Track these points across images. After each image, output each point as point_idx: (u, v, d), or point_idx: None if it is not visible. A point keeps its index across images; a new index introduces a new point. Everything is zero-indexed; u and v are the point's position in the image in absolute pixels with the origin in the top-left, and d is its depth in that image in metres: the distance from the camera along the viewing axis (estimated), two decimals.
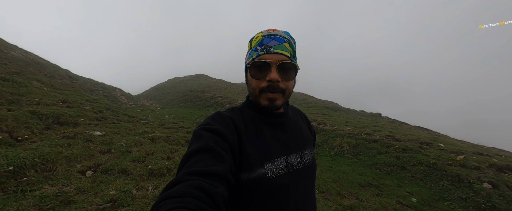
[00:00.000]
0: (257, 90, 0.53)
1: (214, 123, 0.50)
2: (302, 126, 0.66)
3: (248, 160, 0.49)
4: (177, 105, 12.01)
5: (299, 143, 0.60)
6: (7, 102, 3.23)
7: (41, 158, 2.16)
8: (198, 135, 0.46)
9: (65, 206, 1.69)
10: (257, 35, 0.55)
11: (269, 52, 0.51)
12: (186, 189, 0.33)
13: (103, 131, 3.57)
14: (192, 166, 0.39)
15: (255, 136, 0.53)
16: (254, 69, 0.52)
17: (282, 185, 0.51)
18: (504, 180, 3.22)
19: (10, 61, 5.86)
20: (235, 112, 0.58)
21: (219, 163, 0.41)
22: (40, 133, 2.85)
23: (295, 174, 0.54)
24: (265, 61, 0.50)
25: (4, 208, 1.52)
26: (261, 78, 0.52)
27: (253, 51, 0.54)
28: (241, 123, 0.54)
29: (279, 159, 0.53)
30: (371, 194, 3.34)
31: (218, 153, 0.42)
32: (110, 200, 1.90)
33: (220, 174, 0.38)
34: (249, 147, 0.51)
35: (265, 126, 0.56)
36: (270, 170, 0.51)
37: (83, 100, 5.59)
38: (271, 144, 0.54)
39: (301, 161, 0.57)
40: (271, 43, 0.52)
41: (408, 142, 4.81)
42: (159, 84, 20.14)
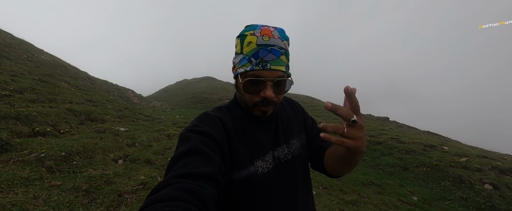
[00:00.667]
0: (251, 103, 0.53)
1: (202, 124, 0.49)
2: (289, 115, 0.65)
3: (239, 158, 0.49)
4: (186, 106, 12.55)
5: (287, 133, 0.60)
6: (47, 101, 3.73)
7: (83, 148, 2.57)
8: (185, 137, 0.46)
9: (108, 185, 2.06)
10: (251, 39, 0.49)
11: (265, 68, 0.48)
12: (173, 192, 0.32)
13: (126, 127, 4.00)
14: (179, 169, 0.38)
15: (244, 134, 0.54)
16: (248, 83, 0.49)
17: (271, 179, 0.52)
18: (505, 182, 3.33)
19: (41, 64, 6.53)
20: (222, 111, 0.57)
21: (208, 164, 0.40)
22: (76, 127, 3.30)
23: (283, 166, 0.55)
24: (260, 80, 0.49)
25: (64, 183, 1.91)
26: (255, 93, 0.50)
27: (245, 60, 0.50)
28: (230, 122, 0.53)
29: (267, 155, 0.54)
30: (373, 192, 3.54)
31: (207, 154, 0.42)
32: (141, 183, 2.25)
33: (208, 175, 0.38)
34: (239, 146, 0.51)
35: (252, 123, 0.56)
36: (260, 166, 0.52)
37: (104, 100, 6.13)
38: (260, 140, 0.55)
39: (288, 151, 0.58)
40: (268, 57, 0.48)
41: (412, 145, 4.94)
42: (168, 86, 20.94)
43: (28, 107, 3.14)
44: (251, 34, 0.50)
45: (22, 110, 2.89)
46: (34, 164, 2.01)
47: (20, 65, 5.14)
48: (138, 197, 2.02)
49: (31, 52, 7.51)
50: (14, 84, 3.76)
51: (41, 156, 2.10)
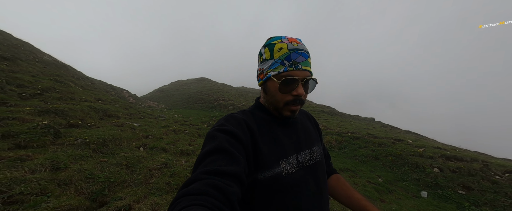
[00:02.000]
0: (282, 103, 0.56)
1: (228, 124, 0.52)
2: (308, 125, 0.70)
3: (264, 159, 0.52)
4: (183, 106, 13.05)
5: (308, 141, 0.64)
6: (69, 99, 4.28)
7: (112, 137, 3.19)
8: (212, 136, 0.48)
9: (140, 163, 2.73)
10: (280, 46, 0.55)
11: (298, 68, 0.54)
12: (202, 187, 0.35)
13: (138, 123, 4.61)
14: (207, 166, 0.41)
15: (268, 136, 0.56)
16: (282, 84, 0.54)
17: (295, 181, 0.54)
18: (448, 166, 4.27)
19: (47, 65, 6.94)
20: (247, 114, 0.60)
21: (233, 163, 0.43)
22: (98, 121, 3.89)
23: (306, 170, 0.58)
24: (294, 78, 0.53)
25: (109, 160, 2.55)
26: (287, 93, 0.55)
27: (278, 63, 0.55)
28: (254, 125, 0.56)
29: (291, 157, 0.56)
30: (348, 176, 4.37)
31: (232, 153, 0.44)
32: (163, 163, 2.93)
33: (234, 174, 0.40)
34: (264, 147, 0.53)
35: (276, 126, 0.60)
36: (285, 168, 0.54)
37: (109, 99, 6.65)
38: (284, 143, 0.57)
39: (310, 158, 0.61)
40: (299, 59, 0.54)
41: (384, 139, 5.86)
42: (163, 87, 21.21)
43: (58, 104, 3.72)
44: (280, 42, 0.56)
45: (57, 106, 3.48)
46: (83, 147, 2.65)
47: (33, 66, 5.60)
48: (162, 173, 2.70)
49: (35, 52, 7.87)
50: (37, 84, 4.29)
51: (87, 141, 2.74)
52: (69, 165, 2.12)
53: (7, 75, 3.96)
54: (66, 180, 1.90)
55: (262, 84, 0.61)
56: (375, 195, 3.57)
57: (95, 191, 1.94)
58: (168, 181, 2.44)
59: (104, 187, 2.02)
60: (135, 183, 2.29)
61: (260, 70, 0.60)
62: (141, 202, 1.96)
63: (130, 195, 2.03)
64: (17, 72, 4.43)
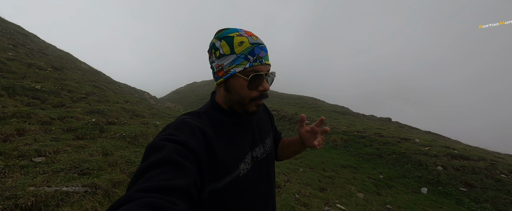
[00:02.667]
0: (248, 100, 0.55)
1: (178, 134, 0.46)
2: (262, 116, 0.71)
3: (222, 166, 0.50)
4: (197, 107, 13.92)
5: (262, 134, 0.66)
6: (105, 101, 5.16)
7: (141, 132, 3.90)
8: (158, 146, 0.41)
9: None
10: (241, 39, 0.52)
11: (262, 63, 0.54)
12: (135, 209, 0.28)
13: (160, 122, 5.35)
14: (148, 181, 0.34)
15: (226, 139, 0.55)
16: (250, 80, 0.53)
17: (250, 178, 0.56)
18: (452, 164, 4.31)
19: (85, 72, 8.13)
20: (202, 117, 0.55)
21: (182, 176, 0.37)
22: (129, 120, 4.67)
23: (260, 164, 0.61)
24: (260, 74, 0.53)
25: (140, 150, 3.21)
26: (254, 89, 0.54)
27: (241, 59, 0.52)
28: (210, 130, 0.53)
29: (247, 156, 0.58)
30: (349, 172, 4.62)
31: (182, 165, 0.39)
32: None
33: (181, 188, 0.35)
34: (222, 154, 0.51)
35: (232, 127, 0.58)
36: (243, 168, 0.55)
37: (134, 101, 7.61)
38: (241, 143, 0.58)
39: (264, 151, 0.64)
40: (261, 54, 0.54)
41: (389, 138, 5.93)
42: (179, 89, 22.64)
43: (98, 105, 4.56)
44: (238, 35, 0.53)
45: (98, 107, 4.30)
46: (121, 140, 3.34)
47: (75, 74, 6.69)
48: None
49: (74, 62, 9.22)
50: (82, 89, 5.23)
51: (123, 135, 3.44)
52: (114, 152, 2.79)
53: (60, 83, 4.92)
54: (113, 162, 2.54)
55: (222, 82, 0.57)
56: (372, 189, 3.81)
57: (133, 172, 2.56)
58: None
59: None
60: None
61: (219, 66, 0.56)
62: None
63: None
64: (66, 80, 5.43)
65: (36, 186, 1.64)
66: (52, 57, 7.15)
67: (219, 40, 0.54)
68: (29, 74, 4.57)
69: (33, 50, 6.82)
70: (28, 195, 1.52)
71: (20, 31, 8.36)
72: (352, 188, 3.74)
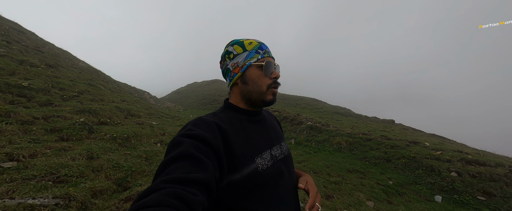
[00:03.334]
0: (265, 87, 0.60)
1: (196, 129, 0.50)
2: (275, 123, 0.75)
3: (239, 158, 0.52)
4: (198, 107, 13.75)
5: (277, 136, 0.69)
6: (99, 100, 4.91)
7: (134, 133, 3.63)
8: (177, 142, 0.45)
9: (157, 156, 3.08)
10: (250, 41, 0.63)
11: (270, 56, 0.63)
12: (161, 198, 0.32)
13: (156, 122, 5.09)
14: (170, 174, 0.38)
15: (242, 134, 0.57)
16: (266, 65, 0.60)
17: (270, 175, 0.56)
18: (467, 170, 4.00)
19: (82, 71, 7.91)
20: (217, 115, 0.60)
21: (200, 170, 0.40)
22: (123, 120, 4.41)
23: (279, 164, 0.61)
24: (272, 62, 0.61)
25: (131, 153, 2.95)
26: (269, 75, 0.61)
27: (252, 53, 0.61)
28: (227, 125, 0.56)
29: (265, 152, 0.59)
30: (356, 177, 4.32)
31: (200, 159, 0.42)
32: None
33: (200, 181, 0.38)
34: (238, 146, 0.53)
35: (248, 124, 0.62)
36: (260, 163, 0.56)
37: (132, 100, 7.36)
38: (257, 139, 0.60)
39: (281, 152, 0.65)
40: (268, 49, 0.64)
41: (398, 141, 5.62)
42: (180, 89, 22.44)
43: (91, 104, 4.30)
44: (246, 40, 0.63)
45: (90, 106, 4.04)
46: (110, 141, 3.08)
47: (71, 72, 6.46)
48: None
49: (72, 60, 9.00)
50: (75, 87, 4.98)
51: (114, 136, 3.17)
52: (100, 155, 2.52)
53: (52, 80, 4.68)
54: (98, 167, 2.27)
55: (240, 77, 0.62)
56: (382, 197, 3.51)
57: (121, 177, 2.29)
58: None
59: (127, 175, 2.37)
60: (153, 173, 2.62)
61: (235, 64, 0.62)
62: None
63: (148, 183, 2.35)
64: (59, 77, 5.19)
65: None
66: (47, 55, 6.93)
67: (231, 46, 0.64)
68: (19, 71, 4.34)
69: (28, 47, 6.60)
70: None
71: (17, 28, 8.16)
72: (361, 195, 3.44)
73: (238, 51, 0.62)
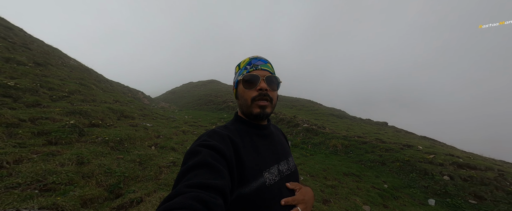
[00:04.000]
0: (249, 100, 0.62)
1: (211, 140, 0.53)
2: (282, 139, 0.77)
3: (249, 172, 0.54)
4: (193, 108, 13.55)
5: (284, 152, 0.70)
6: (91, 101, 4.74)
7: (127, 136, 3.51)
8: (196, 151, 0.49)
9: (151, 160, 2.98)
10: (245, 59, 0.69)
11: (257, 68, 0.65)
12: (186, 201, 0.34)
13: (151, 123, 4.95)
14: (190, 180, 0.41)
15: (251, 148, 0.59)
16: (245, 82, 0.63)
17: (277, 191, 0.57)
18: (459, 174, 4.09)
19: (73, 69, 7.64)
20: (229, 128, 0.63)
21: (218, 177, 0.43)
22: (116, 122, 4.27)
23: (285, 180, 0.62)
24: (255, 75, 0.63)
25: (124, 157, 2.84)
26: (252, 89, 0.62)
27: (242, 70, 0.66)
28: (238, 138, 0.59)
29: (273, 167, 0.60)
30: (352, 180, 4.35)
31: (217, 168, 0.45)
32: (172, 162, 3.17)
33: (219, 187, 0.40)
34: (248, 160, 0.55)
35: (257, 138, 0.64)
36: (268, 178, 0.57)
37: (126, 100, 7.16)
38: (265, 154, 0.61)
39: (288, 167, 0.66)
40: (258, 63, 0.66)
41: (392, 144, 5.71)
42: (175, 89, 22.10)
43: (82, 105, 4.14)
44: (246, 58, 0.71)
45: (81, 107, 3.89)
46: (102, 145, 2.96)
47: (61, 71, 6.22)
48: (171, 170, 2.93)
49: (62, 58, 8.68)
50: (65, 87, 4.79)
51: (106, 139, 3.05)
52: (91, 160, 2.41)
53: (40, 80, 4.48)
54: (89, 173, 2.17)
55: (235, 93, 0.70)
56: (378, 201, 3.53)
57: (112, 184, 2.20)
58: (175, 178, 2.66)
59: (120, 181, 2.28)
60: (147, 178, 2.53)
61: (233, 84, 0.71)
62: (151, 195, 2.18)
63: (142, 189, 2.26)
64: (49, 77, 4.98)
65: None
66: (36, 52, 6.65)
67: (235, 67, 0.73)
68: (5, 70, 4.12)
69: (15, 44, 6.31)
70: None
71: (3, 24, 7.80)
72: (357, 199, 3.45)
73: (236, 71, 0.71)
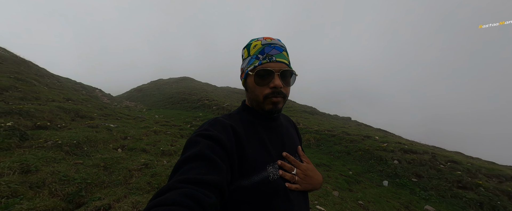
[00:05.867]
0: (262, 97, 0.57)
1: (212, 129, 0.51)
2: (291, 130, 0.72)
3: (250, 165, 0.51)
4: (164, 107, 12.57)
5: (292, 143, 0.65)
6: (33, 99, 3.95)
7: (87, 139, 3.07)
8: (194, 141, 0.47)
9: (118, 164, 2.69)
10: (255, 43, 0.59)
11: (271, 60, 0.56)
12: (176, 197, 0.33)
13: (115, 124, 4.43)
14: (185, 173, 0.39)
15: (256, 140, 0.56)
16: (258, 77, 0.56)
17: (281, 186, 0.53)
18: (405, 158, 4.95)
19: (3, 60, 6.21)
20: (233, 118, 0.60)
21: (214, 172, 0.41)
22: (70, 123, 3.67)
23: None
24: (269, 70, 0.55)
25: (84, 162, 2.48)
26: (265, 85, 0.56)
27: (253, 59, 0.58)
28: (241, 129, 0.56)
29: (277, 161, 0.56)
30: (323, 170, 4.78)
31: (214, 161, 0.42)
32: (143, 164, 2.93)
33: (214, 183, 0.39)
34: (250, 152, 0.52)
35: (263, 130, 0.60)
36: (272, 172, 0.53)
37: (80, 99, 6.21)
38: (270, 147, 0.57)
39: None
40: (272, 52, 0.57)
41: (355, 136, 6.49)
42: (142, 86, 20.11)
43: (21, 104, 3.43)
44: (256, 41, 0.60)
45: (20, 107, 3.22)
46: (54, 149, 2.53)
47: None
48: (143, 173, 2.72)
49: None
50: None
51: (59, 143, 2.62)
52: (41, 168, 2.05)
53: None
54: (39, 182, 1.85)
55: (243, 83, 0.63)
56: (345, 186, 3.99)
57: (71, 192, 1.92)
58: (149, 181, 2.48)
59: (80, 188, 2.01)
60: (114, 183, 2.29)
61: (241, 70, 0.63)
62: (121, 201, 1.99)
63: (109, 195, 2.04)
64: None
65: None
66: None
67: (243, 49, 0.63)
68: None
69: None
70: None
71: None
72: (328, 186, 3.83)
73: (245, 56, 0.62)
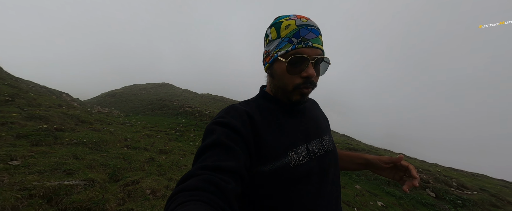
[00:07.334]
0: (291, 86, 0.54)
1: (227, 116, 0.52)
2: (317, 113, 0.69)
3: (269, 151, 0.51)
4: (143, 113, 12.91)
5: (318, 129, 0.63)
6: (37, 105, 4.61)
7: (99, 139, 3.95)
8: (211, 130, 0.50)
9: (131, 157, 3.67)
10: (288, 22, 0.54)
11: (307, 46, 0.52)
12: (198, 183, 0.37)
13: (112, 128, 5.23)
14: (204, 161, 0.43)
15: (274, 126, 0.56)
16: (291, 62, 0.52)
17: (305, 172, 0.53)
18: None
19: None
20: (250, 104, 0.60)
21: (231, 158, 0.44)
22: (76, 126, 4.42)
23: (318, 161, 0.57)
24: (304, 57, 0.51)
25: (109, 155, 3.41)
26: (297, 74, 0.53)
27: (285, 42, 0.54)
28: (258, 115, 0.56)
29: (300, 147, 0.56)
30: None
31: (231, 148, 0.45)
32: (149, 158, 3.94)
33: (232, 169, 0.41)
34: (268, 138, 0.53)
35: (283, 115, 0.59)
36: (293, 158, 0.53)
37: (64, 105, 6.71)
38: (291, 132, 0.57)
39: (322, 147, 0.60)
40: (309, 35, 0.52)
41: None
42: (115, 91, 19.75)
43: (31, 110, 4.15)
44: (287, 19, 0.55)
45: (36, 112, 3.97)
46: (81, 146, 3.41)
47: None
48: (151, 164, 3.73)
49: None
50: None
51: (83, 141, 3.51)
52: (84, 157, 2.99)
53: None
54: (88, 164, 2.81)
55: (268, 68, 0.61)
56: None
57: (110, 172, 2.91)
58: (157, 169, 3.53)
59: (115, 171, 3.00)
60: (134, 169, 3.30)
61: (266, 52, 0.60)
62: (144, 179, 3.03)
63: (134, 176, 3.07)
64: None
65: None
66: None
67: (270, 27, 0.58)
68: None
69: None
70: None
71: None
72: None
73: (273, 37, 0.57)
